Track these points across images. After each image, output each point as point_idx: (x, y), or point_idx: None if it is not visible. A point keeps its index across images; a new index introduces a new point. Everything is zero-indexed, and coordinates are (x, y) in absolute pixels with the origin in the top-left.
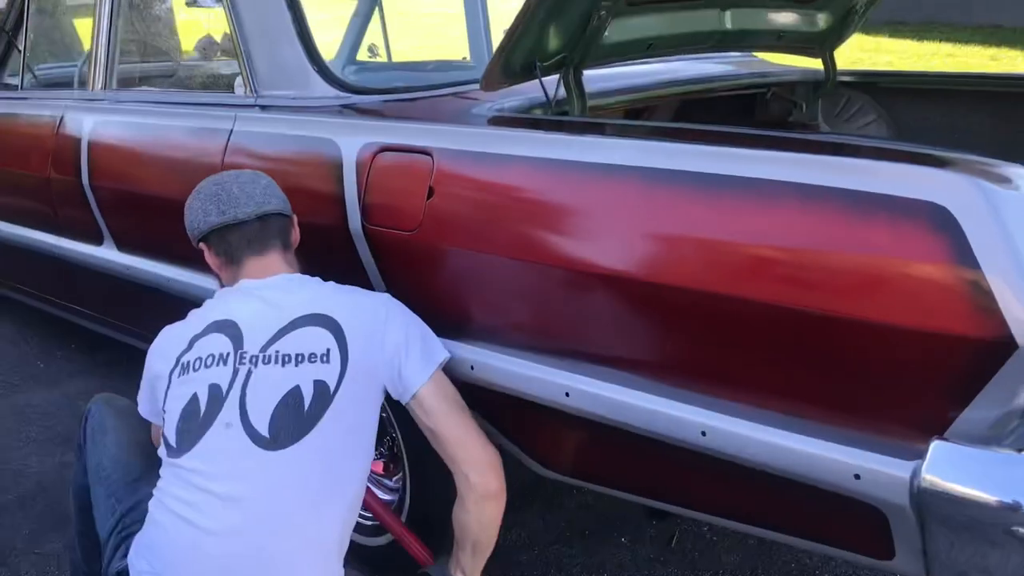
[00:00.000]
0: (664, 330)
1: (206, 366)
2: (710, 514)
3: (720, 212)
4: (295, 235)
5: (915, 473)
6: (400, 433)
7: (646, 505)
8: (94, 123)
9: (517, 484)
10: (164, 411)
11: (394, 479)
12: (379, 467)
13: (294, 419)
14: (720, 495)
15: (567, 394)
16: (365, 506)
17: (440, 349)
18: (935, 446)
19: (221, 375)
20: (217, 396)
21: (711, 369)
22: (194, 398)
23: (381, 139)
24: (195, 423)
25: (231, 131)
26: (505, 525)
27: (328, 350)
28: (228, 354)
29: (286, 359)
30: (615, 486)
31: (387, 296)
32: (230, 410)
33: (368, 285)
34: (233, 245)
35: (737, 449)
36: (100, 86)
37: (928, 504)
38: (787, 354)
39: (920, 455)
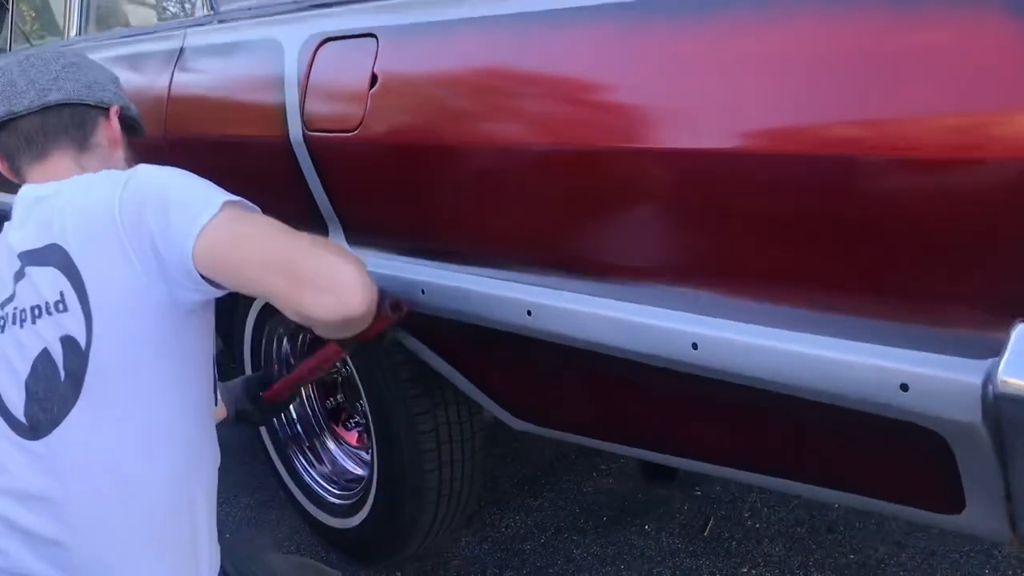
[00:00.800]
0: (647, 209)
1: None
2: (714, 463)
3: (715, 43)
4: (110, 133)
5: (989, 375)
6: (368, 403)
7: (640, 460)
8: None
9: (525, 470)
10: None
11: (369, 452)
12: (353, 438)
13: (52, 393)
14: (725, 435)
15: (529, 312)
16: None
17: (215, 197)
18: (1020, 330)
19: None
20: None
21: (704, 255)
22: None
23: (324, 28)
24: None
25: (181, 49)
26: (507, 510)
27: (62, 293)
28: None
29: (23, 317)
30: (598, 435)
31: (131, 173)
32: None
33: (314, 206)
34: (10, 147)
35: (736, 364)
36: (75, 33)
37: (1012, 417)
38: (803, 218)
39: (995, 349)
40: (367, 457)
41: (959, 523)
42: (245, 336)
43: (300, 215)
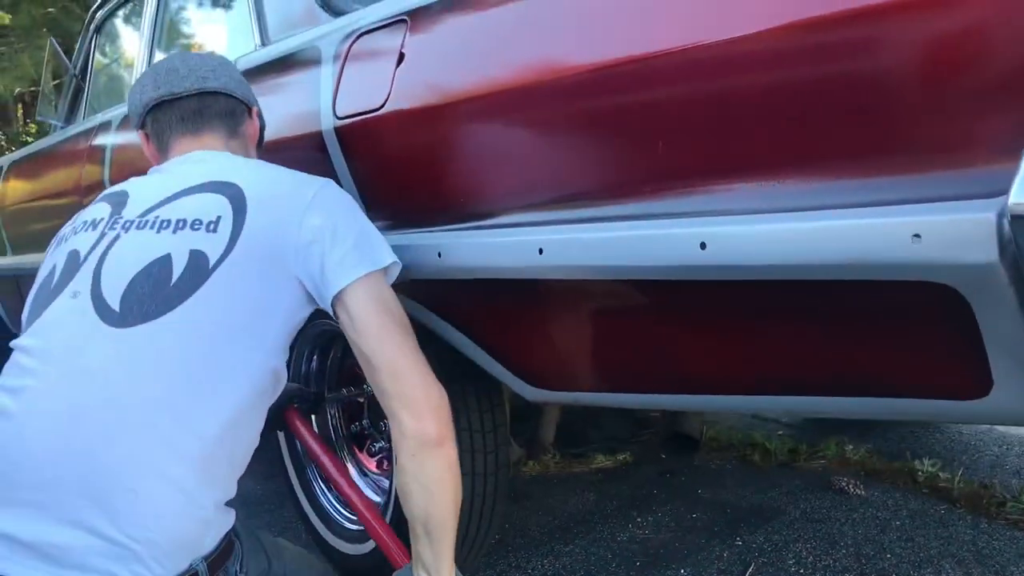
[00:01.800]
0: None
1: (75, 233)
2: (734, 392)
3: None
4: (252, 128)
5: (1002, 207)
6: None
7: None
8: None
9: (557, 521)
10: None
11: (389, 478)
12: (373, 464)
13: (155, 292)
14: (742, 357)
15: (540, 251)
16: (341, 495)
17: (384, 252)
18: None
19: (85, 241)
20: (73, 263)
21: (699, 155)
22: (52, 269)
23: (359, 24)
24: (45, 294)
25: None
26: (535, 555)
27: (219, 218)
28: (102, 220)
29: (164, 224)
30: (615, 387)
31: (327, 181)
32: (82, 279)
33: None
34: (163, 123)
35: (745, 255)
36: None
37: None
38: (794, 90)
39: (1007, 180)
40: (386, 484)
41: (988, 409)
42: None
43: None
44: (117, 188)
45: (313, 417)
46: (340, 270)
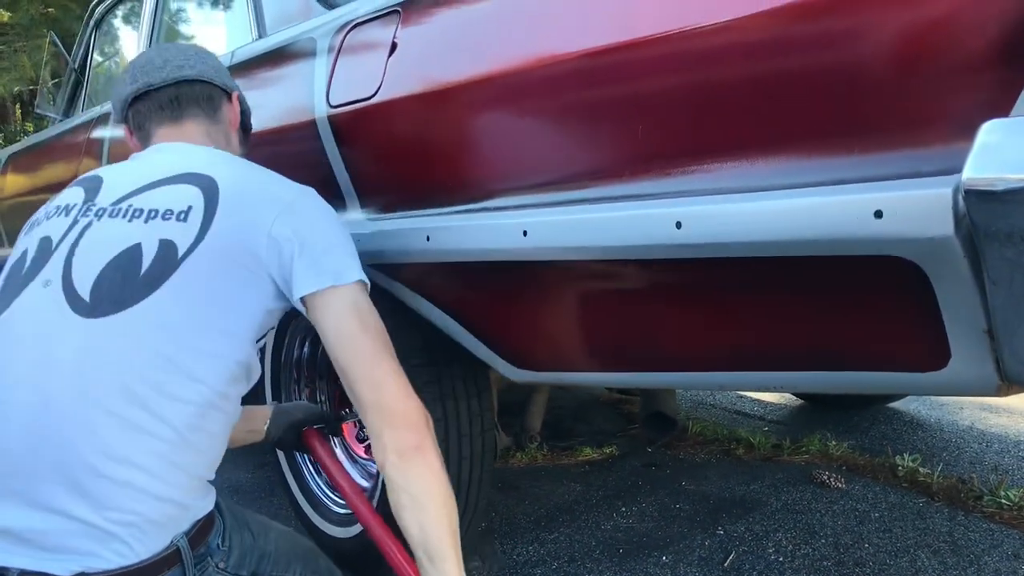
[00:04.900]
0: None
1: (48, 218)
2: (708, 369)
3: None
4: (231, 114)
5: (958, 183)
6: None
7: (643, 413)
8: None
9: (543, 510)
10: None
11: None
12: (362, 450)
13: (125, 282)
14: (715, 333)
15: (525, 233)
16: (340, 493)
17: (352, 269)
18: (987, 127)
19: (57, 227)
20: (45, 250)
21: (671, 138)
22: (23, 255)
23: (353, 15)
24: (16, 281)
25: (228, 65)
26: (520, 541)
27: (190, 207)
28: (75, 206)
29: (136, 213)
30: (597, 366)
31: (307, 189)
32: (53, 267)
33: (333, 181)
34: (143, 115)
35: (717, 233)
36: None
37: (983, 220)
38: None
39: (963, 158)
40: (373, 469)
41: (946, 380)
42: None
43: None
44: (92, 173)
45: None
46: (308, 276)
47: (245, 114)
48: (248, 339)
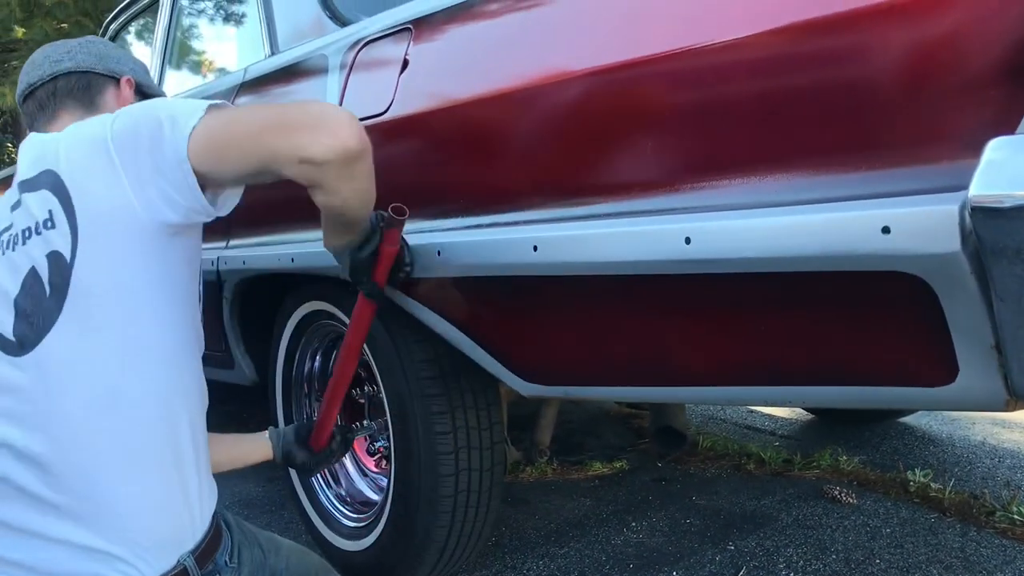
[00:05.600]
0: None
1: None
2: (716, 384)
3: None
4: (120, 98)
5: (965, 200)
6: (386, 399)
7: (653, 427)
8: None
9: (553, 524)
10: None
11: (387, 476)
12: (372, 463)
13: (36, 308)
14: (724, 347)
15: (535, 248)
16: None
17: (191, 117)
18: (993, 145)
19: None
20: None
21: (684, 156)
22: None
23: (364, 33)
24: None
25: (241, 82)
26: (530, 556)
27: (51, 211)
28: None
29: (15, 241)
30: (607, 380)
31: (121, 110)
32: None
33: None
34: (30, 117)
35: (726, 249)
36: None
37: (989, 236)
38: (773, 94)
39: (970, 175)
40: (384, 483)
41: (954, 395)
42: (279, 351)
43: None
44: None
45: None
46: (172, 148)
47: (145, 96)
48: (188, 280)
